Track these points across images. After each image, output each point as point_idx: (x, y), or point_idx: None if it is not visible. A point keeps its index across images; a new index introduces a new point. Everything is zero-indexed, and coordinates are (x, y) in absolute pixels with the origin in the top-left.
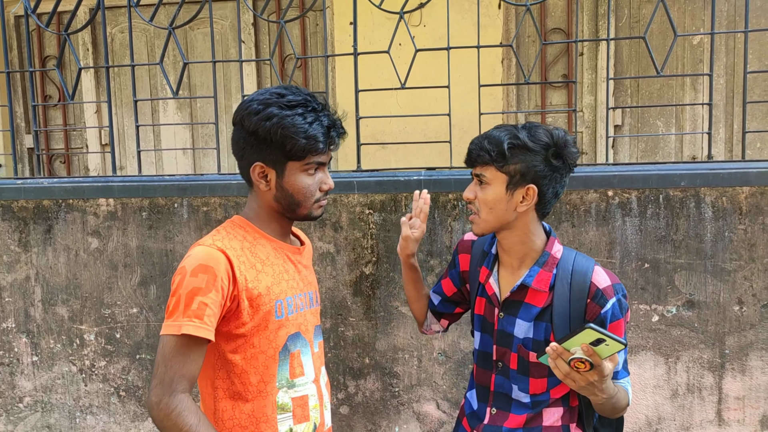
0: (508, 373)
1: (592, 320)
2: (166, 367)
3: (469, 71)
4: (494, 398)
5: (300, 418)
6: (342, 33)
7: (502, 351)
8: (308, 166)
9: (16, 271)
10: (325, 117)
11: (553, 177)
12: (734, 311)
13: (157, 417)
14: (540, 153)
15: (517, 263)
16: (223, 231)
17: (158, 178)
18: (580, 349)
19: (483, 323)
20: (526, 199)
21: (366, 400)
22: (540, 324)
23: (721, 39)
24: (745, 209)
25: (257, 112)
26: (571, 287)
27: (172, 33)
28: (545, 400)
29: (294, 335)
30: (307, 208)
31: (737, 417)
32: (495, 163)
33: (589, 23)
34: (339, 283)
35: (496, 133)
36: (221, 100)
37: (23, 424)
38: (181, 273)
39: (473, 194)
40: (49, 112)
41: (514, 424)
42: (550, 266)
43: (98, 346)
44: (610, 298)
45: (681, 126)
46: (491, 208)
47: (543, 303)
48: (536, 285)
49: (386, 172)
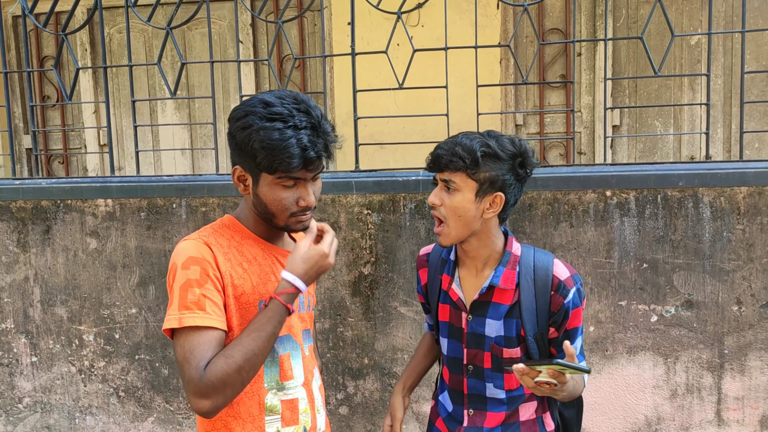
0: (481, 373)
1: (556, 311)
2: (188, 365)
3: (467, 71)
4: (469, 400)
5: (289, 421)
6: (340, 33)
7: (474, 353)
8: (281, 179)
9: (15, 272)
10: (305, 135)
11: (517, 185)
12: (733, 311)
13: (207, 408)
14: (508, 162)
15: (481, 265)
16: (209, 228)
17: (156, 179)
18: (547, 373)
19: (450, 329)
20: (492, 207)
21: (365, 400)
22: (510, 321)
23: (718, 39)
24: (743, 209)
25: (238, 118)
26: (535, 282)
27: (169, 33)
28: (521, 395)
29: (283, 337)
30: (282, 220)
31: (736, 417)
32: (468, 170)
33: (587, 23)
34: (338, 283)
35: (465, 140)
36: (219, 101)
37: (23, 424)
38: (173, 269)
39: (439, 200)
40: (48, 113)
41: (494, 423)
42: (513, 264)
43: (97, 346)
44: (571, 288)
45: (679, 126)
46: (459, 215)
47: (510, 300)
48: (503, 284)
49: (385, 172)
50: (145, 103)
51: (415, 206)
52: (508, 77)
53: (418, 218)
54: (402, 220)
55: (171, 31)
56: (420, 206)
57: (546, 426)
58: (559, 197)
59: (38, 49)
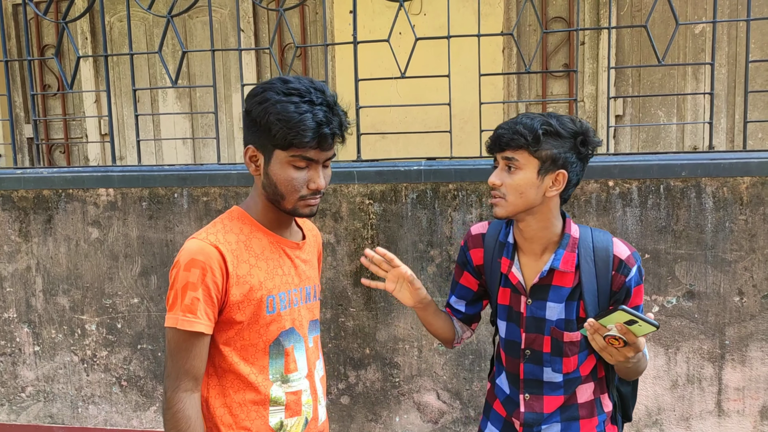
0: (539, 358)
1: (618, 290)
2: (171, 362)
3: (469, 60)
4: (525, 385)
5: (292, 412)
6: (342, 22)
7: (532, 337)
8: (294, 158)
9: (17, 261)
10: (320, 111)
11: (579, 164)
12: (734, 302)
13: (163, 408)
14: (569, 140)
15: (540, 249)
16: (219, 224)
17: (158, 168)
18: (615, 328)
19: (509, 312)
20: (555, 185)
21: (366, 390)
22: (571, 303)
23: (723, 28)
24: (746, 199)
25: (256, 94)
26: (595, 263)
27: (170, 21)
28: (577, 378)
29: (287, 331)
30: (291, 203)
31: (737, 408)
32: (529, 148)
33: (591, 12)
34: (339, 273)
35: (526, 120)
36: (220, 90)
37: (26, 413)
38: (176, 267)
39: (500, 180)
40: (48, 102)
41: (552, 407)
42: (572, 247)
43: (99, 336)
44: (632, 267)
45: (682, 116)
46: (521, 192)
47: (571, 283)
48: (563, 267)
49: (386, 162)
50: (146, 92)
51: (416, 196)
52: (510, 66)
53: (420, 208)
54: (404, 210)
55: (172, 19)
56: (422, 196)
57: (604, 407)
58: None
59: (39, 37)
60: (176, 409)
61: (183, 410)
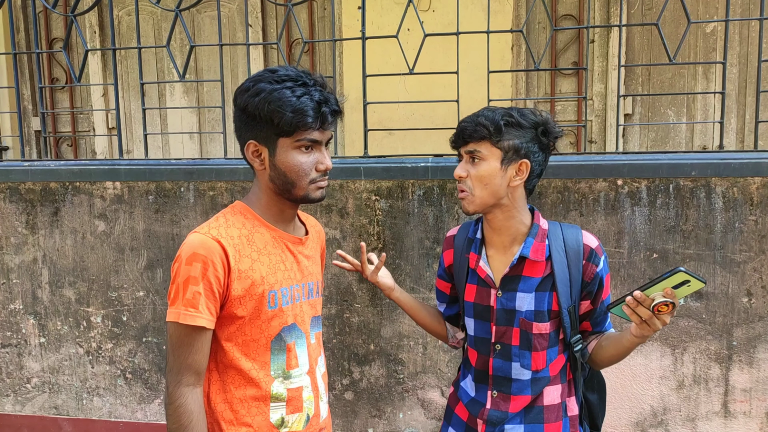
0: (508, 353)
1: (590, 280)
2: (173, 356)
3: (478, 57)
4: (494, 381)
5: (293, 408)
6: (350, 17)
7: (503, 330)
8: (299, 143)
9: (24, 253)
10: (316, 92)
11: (541, 154)
12: (743, 303)
13: (165, 402)
14: (530, 130)
15: (509, 241)
16: (222, 218)
17: (165, 162)
18: (661, 294)
19: (476, 309)
20: (519, 174)
21: (371, 386)
22: (542, 294)
23: (735, 27)
24: (757, 200)
25: (247, 89)
26: (566, 253)
27: (178, 15)
28: (545, 377)
29: (289, 326)
30: (302, 188)
31: (743, 409)
32: (492, 138)
33: (601, 10)
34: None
35: (488, 112)
36: (228, 85)
37: (31, 404)
38: (178, 261)
39: (465, 172)
40: (56, 95)
41: (517, 407)
42: (542, 237)
43: (105, 328)
44: (601, 256)
45: (692, 115)
46: (486, 183)
47: (542, 273)
48: (533, 255)
49: (393, 158)
50: (153, 86)
51: (423, 193)
52: (519, 64)
53: (427, 205)
54: (410, 207)
55: (180, 13)
56: (428, 193)
57: (569, 411)
58: (570, 186)
59: (47, 30)
60: (178, 403)
61: (185, 405)
